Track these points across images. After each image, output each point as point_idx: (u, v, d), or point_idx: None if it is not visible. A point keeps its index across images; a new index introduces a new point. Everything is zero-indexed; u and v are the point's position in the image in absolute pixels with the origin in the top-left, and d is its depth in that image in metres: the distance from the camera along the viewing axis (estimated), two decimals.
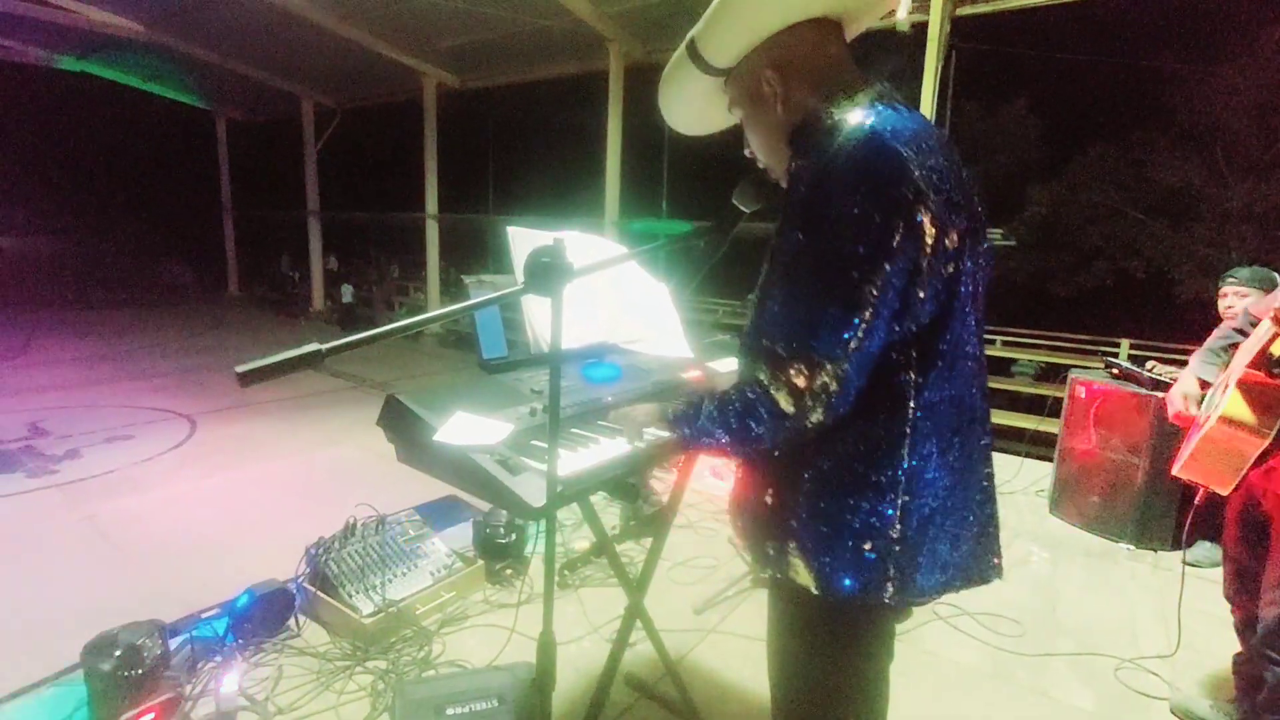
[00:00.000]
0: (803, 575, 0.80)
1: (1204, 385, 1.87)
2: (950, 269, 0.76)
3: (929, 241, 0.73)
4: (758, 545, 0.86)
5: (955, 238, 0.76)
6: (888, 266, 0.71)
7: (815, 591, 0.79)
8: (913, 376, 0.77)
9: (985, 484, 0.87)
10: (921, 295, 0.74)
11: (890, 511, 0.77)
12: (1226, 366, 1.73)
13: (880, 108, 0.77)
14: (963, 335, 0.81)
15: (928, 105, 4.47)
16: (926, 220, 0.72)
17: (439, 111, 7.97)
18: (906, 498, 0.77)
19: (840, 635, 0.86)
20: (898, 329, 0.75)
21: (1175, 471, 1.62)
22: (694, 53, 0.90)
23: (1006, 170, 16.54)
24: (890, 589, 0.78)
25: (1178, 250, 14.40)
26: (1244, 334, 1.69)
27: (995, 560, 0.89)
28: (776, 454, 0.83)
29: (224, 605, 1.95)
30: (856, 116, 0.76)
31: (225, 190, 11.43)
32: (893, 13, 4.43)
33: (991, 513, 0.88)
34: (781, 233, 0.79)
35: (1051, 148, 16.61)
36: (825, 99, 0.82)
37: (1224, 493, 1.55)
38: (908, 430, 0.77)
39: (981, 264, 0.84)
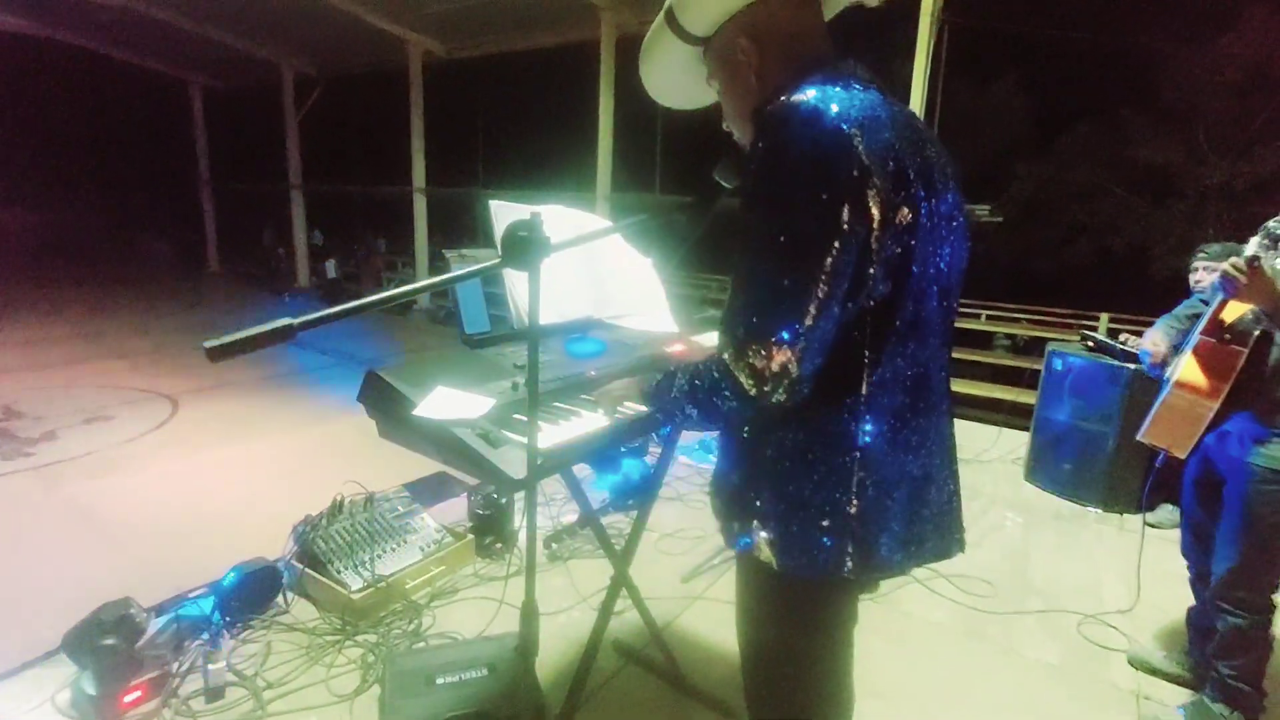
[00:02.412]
0: (764, 552, 0.83)
1: None
2: (902, 247, 0.76)
3: (877, 219, 0.73)
4: (725, 523, 0.89)
5: (908, 215, 0.76)
6: (837, 246, 0.71)
7: (776, 569, 0.82)
8: (868, 354, 0.78)
9: (948, 460, 0.89)
10: (873, 273, 0.74)
11: (847, 488, 0.79)
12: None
13: (832, 87, 0.75)
14: (923, 313, 0.82)
15: (919, 81, 4.41)
16: (873, 198, 0.72)
17: (426, 82, 7.69)
18: (863, 474, 0.79)
19: (801, 607, 0.89)
20: (852, 306, 0.75)
21: (1139, 437, 1.69)
22: (671, 20, 0.90)
23: (996, 147, 16.51)
24: (850, 564, 0.79)
25: (1157, 228, 14.64)
26: (1208, 304, 1.75)
27: (959, 535, 0.91)
28: (745, 434, 0.85)
29: (210, 584, 1.96)
30: (806, 96, 0.75)
31: (203, 162, 11.01)
32: None
33: (954, 489, 0.91)
34: (742, 213, 0.80)
35: (1041, 124, 16.63)
36: (795, 74, 0.81)
37: (1182, 456, 1.62)
38: (862, 407, 0.79)
39: (951, 240, 0.84)
